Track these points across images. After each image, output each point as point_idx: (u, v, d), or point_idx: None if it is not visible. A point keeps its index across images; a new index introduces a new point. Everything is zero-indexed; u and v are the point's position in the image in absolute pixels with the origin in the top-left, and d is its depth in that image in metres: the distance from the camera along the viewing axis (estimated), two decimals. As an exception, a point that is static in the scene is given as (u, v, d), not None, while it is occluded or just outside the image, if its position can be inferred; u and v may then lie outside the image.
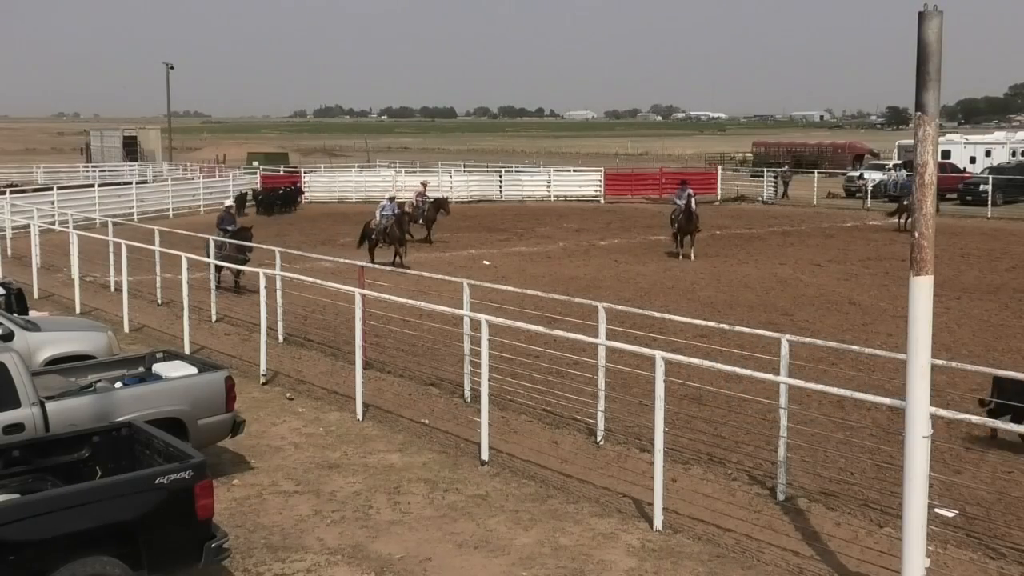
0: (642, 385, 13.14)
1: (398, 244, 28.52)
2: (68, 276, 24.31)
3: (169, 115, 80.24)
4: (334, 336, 18.32)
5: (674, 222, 30.83)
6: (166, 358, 12.21)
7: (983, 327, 20.10)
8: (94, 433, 9.33)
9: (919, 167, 7.65)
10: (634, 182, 55.72)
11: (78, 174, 62.75)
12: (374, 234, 28.92)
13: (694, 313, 18.90)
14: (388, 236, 28.63)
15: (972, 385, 14.27)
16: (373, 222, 29.21)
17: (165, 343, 17.42)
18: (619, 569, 9.20)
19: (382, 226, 28.80)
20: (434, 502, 10.83)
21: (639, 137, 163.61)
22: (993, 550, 9.52)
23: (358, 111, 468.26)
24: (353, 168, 61.95)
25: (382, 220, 28.90)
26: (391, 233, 28.55)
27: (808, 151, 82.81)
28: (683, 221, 30.24)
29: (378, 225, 28.93)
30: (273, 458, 12.26)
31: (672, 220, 31.08)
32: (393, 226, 28.52)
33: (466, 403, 14.54)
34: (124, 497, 7.89)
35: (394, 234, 28.50)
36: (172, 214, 43.49)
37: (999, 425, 8.95)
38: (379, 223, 28.91)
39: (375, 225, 29.01)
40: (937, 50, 7.46)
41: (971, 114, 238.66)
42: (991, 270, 28.22)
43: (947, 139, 59.31)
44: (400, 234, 28.59)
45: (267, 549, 9.62)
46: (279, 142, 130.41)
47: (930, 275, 7.70)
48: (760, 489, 11.17)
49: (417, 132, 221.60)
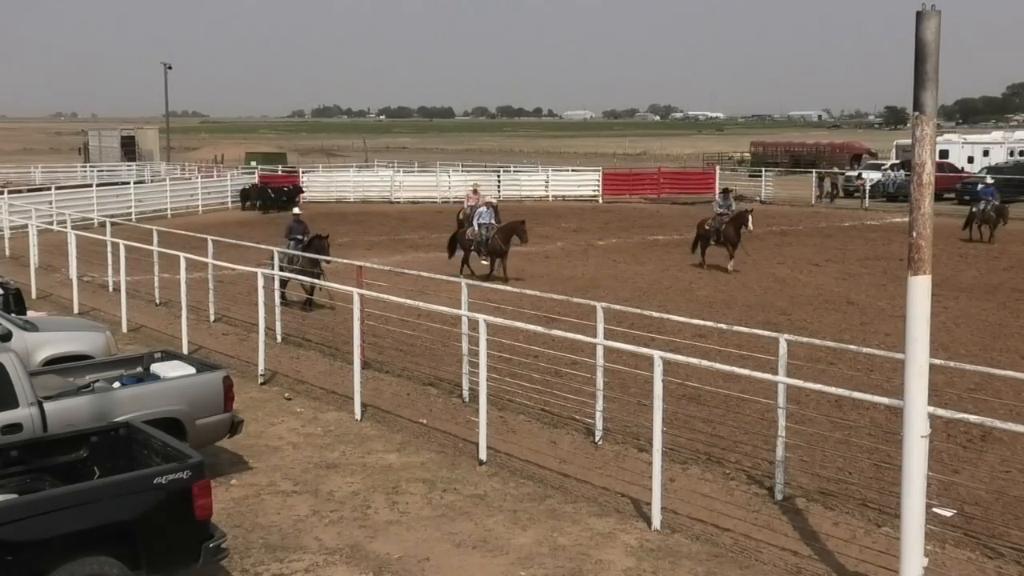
0: (640, 385, 13.14)
1: (500, 256, 25.91)
2: (66, 276, 24.31)
3: (167, 115, 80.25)
4: (332, 336, 18.32)
5: (710, 231, 28.43)
6: (164, 358, 12.21)
7: (981, 327, 20.11)
8: (92, 433, 9.32)
9: (917, 167, 7.65)
10: (632, 182, 55.77)
11: (76, 174, 62.67)
12: (472, 245, 26.34)
13: (692, 313, 18.90)
14: (489, 248, 26.04)
15: (970, 384, 14.30)
16: (469, 231, 26.58)
17: (163, 343, 17.41)
18: (617, 569, 9.20)
19: (482, 236, 26.12)
20: (432, 502, 10.83)
21: (637, 137, 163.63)
22: (991, 549, 9.53)
23: (356, 111, 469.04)
24: (351, 168, 61.97)
25: (480, 229, 26.22)
26: (492, 244, 25.91)
27: (806, 151, 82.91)
28: (730, 231, 27.88)
29: (476, 235, 26.26)
30: (271, 458, 12.25)
31: (708, 229, 28.55)
32: (495, 237, 25.86)
33: (464, 403, 14.54)
34: (122, 497, 7.89)
35: (496, 245, 25.83)
36: (170, 214, 43.49)
37: (996, 424, 8.94)
38: (477, 232, 26.26)
39: (472, 235, 26.37)
40: (935, 50, 7.46)
41: (969, 114, 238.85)
42: (989, 270, 28.25)
43: (945, 139, 59.38)
44: (504, 245, 25.84)
45: (265, 549, 9.62)
46: (277, 142, 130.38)
47: (928, 275, 7.70)
48: (758, 489, 11.17)
49: (415, 132, 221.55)
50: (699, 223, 29.50)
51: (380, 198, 51.87)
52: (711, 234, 28.57)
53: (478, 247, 26.22)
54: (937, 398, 10.26)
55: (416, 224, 40.63)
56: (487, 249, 26.07)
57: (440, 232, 36.76)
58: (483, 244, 26.10)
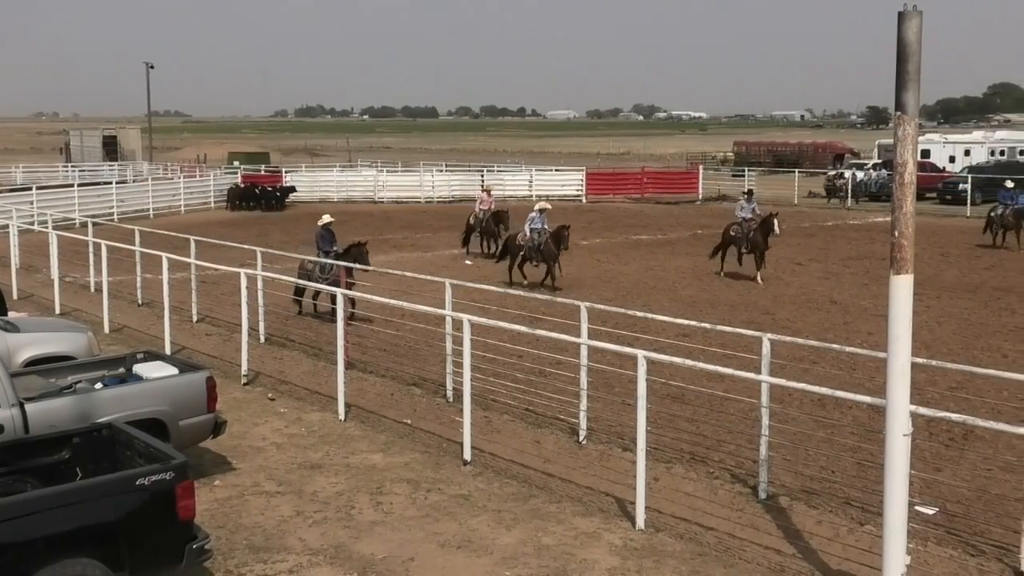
0: (624, 384, 13.16)
1: (553, 263, 24.86)
2: (48, 276, 24.16)
3: (149, 114, 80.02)
4: (316, 336, 18.28)
5: (738, 237, 26.97)
6: (147, 359, 12.14)
7: (963, 325, 20.22)
8: (74, 434, 9.27)
9: (899, 166, 7.68)
10: (616, 182, 55.87)
11: (57, 174, 62.28)
12: (523, 251, 25.39)
13: (676, 312, 18.94)
14: (543, 254, 24.98)
15: (952, 383, 14.37)
16: (522, 237, 25.51)
17: (146, 343, 17.32)
18: (601, 568, 9.21)
19: (535, 243, 25.15)
20: (416, 502, 10.82)
21: (621, 137, 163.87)
22: (973, 547, 9.58)
23: (339, 111, 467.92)
24: (335, 168, 61.84)
25: (532, 235, 25.24)
26: (547, 250, 24.84)
27: (789, 150, 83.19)
28: (759, 238, 26.20)
29: (528, 241, 25.28)
30: (255, 459, 12.22)
31: (734, 235, 27.10)
32: (548, 242, 24.87)
33: (448, 403, 14.53)
34: (105, 499, 7.85)
35: (549, 251, 24.79)
36: (152, 214, 43.30)
37: (978, 423, 8.99)
38: (529, 238, 25.26)
39: (524, 241, 25.39)
40: (917, 50, 7.49)
41: (950, 114, 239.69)
42: (970, 269, 28.40)
43: (927, 138, 59.63)
44: (556, 251, 24.85)
45: (249, 550, 9.59)
46: (260, 142, 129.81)
47: (910, 274, 7.73)
48: (742, 488, 11.20)
49: (399, 132, 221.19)
50: (725, 228, 27.75)
51: (364, 198, 51.76)
52: (740, 241, 26.96)
53: (531, 253, 25.28)
54: (919, 397, 10.32)
55: (400, 224, 40.59)
56: (541, 255, 25.05)
57: (424, 232, 36.80)
58: (535, 250, 25.15)
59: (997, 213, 33.28)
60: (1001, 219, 32.99)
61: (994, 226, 33.22)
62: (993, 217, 33.36)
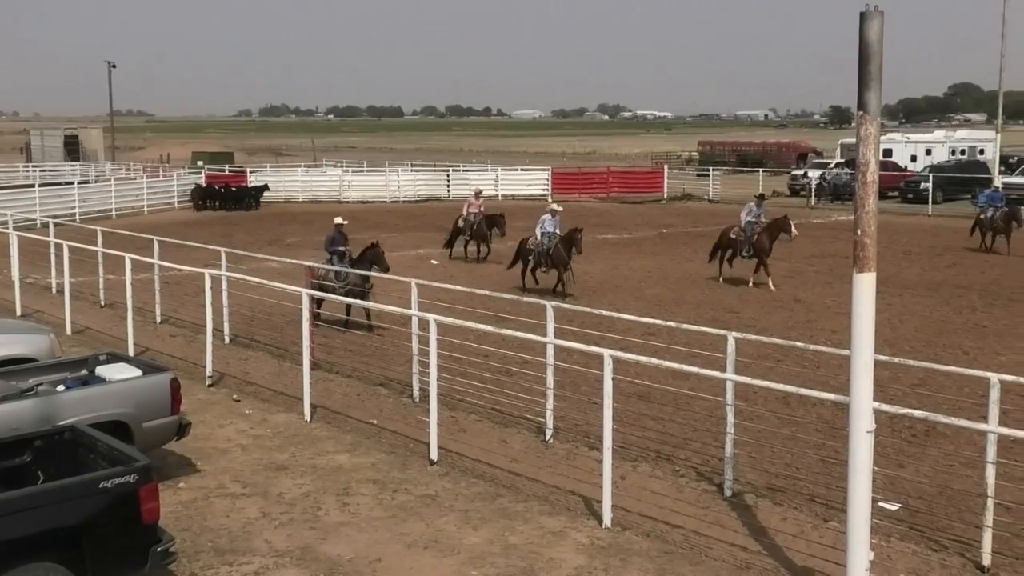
0: (591, 383, 13.18)
1: (563, 267, 24.02)
2: (8, 278, 23.84)
3: (112, 114, 79.32)
4: (281, 337, 18.18)
5: (739, 240, 26.07)
6: (110, 360, 12.01)
7: (924, 323, 20.44)
8: (36, 437, 9.16)
9: (861, 165, 7.74)
10: (581, 181, 56.06)
11: (18, 174, 61.50)
12: (532, 255, 24.53)
13: (642, 311, 18.99)
14: (553, 259, 24.15)
15: (914, 380, 14.51)
16: (532, 240, 24.58)
17: (109, 345, 17.14)
18: (569, 567, 9.23)
19: (544, 246, 24.25)
20: (383, 503, 10.79)
21: (586, 136, 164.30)
22: (935, 542, 9.68)
23: (304, 110, 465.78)
24: (300, 168, 61.57)
25: (543, 238, 24.31)
26: (556, 255, 24.03)
27: (753, 150, 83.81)
28: (764, 241, 25.53)
29: (539, 244, 24.37)
30: (220, 460, 12.13)
31: (734, 238, 26.19)
32: (558, 247, 23.98)
33: (415, 403, 14.50)
34: (67, 502, 7.76)
35: (559, 256, 23.97)
36: (115, 214, 42.94)
37: (940, 419, 9.08)
38: (539, 242, 24.34)
39: (534, 244, 24.47)
40: (879, 50, 7.55)
41: (912, 113, 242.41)
42: (932, 267, 28.72)
43: (889, 138, 60.24)
44: (568, 257, 24.00)
45: (214, 552, 9.52)
46: (224, 141, 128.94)
47: (873, 272, 7.79)
48: (708, 485, 11.26)
49: (364, 131, 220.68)
50: (723, 231, 26.75)
51: (329, 198, 51.56)
52: (741, 245, 25.92)
53: (540, 258, 24.39)
54: (882, 394, 10.39)
55: (366, 224, 40.29)
56: (551, 261, 24.21)
57: (390, 232, 36.63)
58: (545, 255, 24.26)
59: (987, 216, 32.05)
60: (991, 222, 31.81)
61: (983, 229, 32.02)
62: (983, 220, 32.10)
